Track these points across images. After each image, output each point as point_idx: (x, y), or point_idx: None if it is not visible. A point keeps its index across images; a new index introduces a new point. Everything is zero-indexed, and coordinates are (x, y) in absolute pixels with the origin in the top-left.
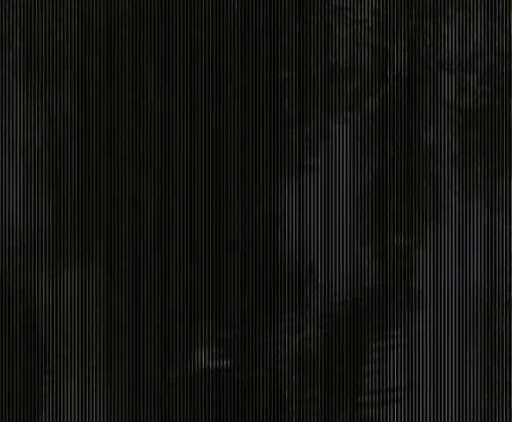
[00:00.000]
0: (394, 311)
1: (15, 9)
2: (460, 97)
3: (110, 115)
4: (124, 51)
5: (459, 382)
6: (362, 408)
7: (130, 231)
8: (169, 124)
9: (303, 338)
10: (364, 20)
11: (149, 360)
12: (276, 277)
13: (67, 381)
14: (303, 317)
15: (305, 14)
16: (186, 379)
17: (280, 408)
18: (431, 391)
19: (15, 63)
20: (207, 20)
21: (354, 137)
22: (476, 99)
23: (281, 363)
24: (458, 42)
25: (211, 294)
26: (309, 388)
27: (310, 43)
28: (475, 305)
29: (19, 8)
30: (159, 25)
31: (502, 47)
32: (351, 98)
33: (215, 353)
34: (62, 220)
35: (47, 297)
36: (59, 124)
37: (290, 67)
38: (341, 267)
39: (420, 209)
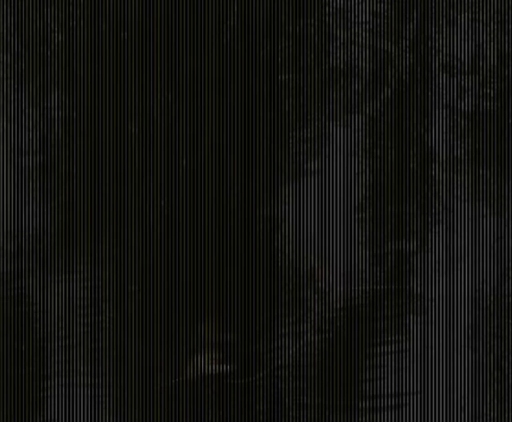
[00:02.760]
0: (398, 316)
1: (29, 10)
2: (462, 99)
3: (115, 118)
4: (127, 54)
5: (452, 388)
6: (364, 414)
7: (136, 238)
8: (170, 127)
9: (304, 344)
10: (365, 22)
11: (148, 365)
12: (276, 282)
13: (75, 386)
14: (303, 323)
15: (305, 16)
16: (186, 384)
17: (280, 413)
18: (436, 395)
19: (27, 62)
20: (207, 23)
21: (355, 140)
22: (478, 102)
23: (281, 368)
24: (460, 44)
25: (211, 299)
26: (309, 393)
27: (310, 45)
28: (475, 310)
29: (22, 9)
30: (162, 28)
31: (505, 50)
32: (351, 101)
33: (216, 358)
34: (71, 223)
35: (56, 301)
36: (49, 127)
37: (289, 69)
38: (341, 272)
39: (424, 213)
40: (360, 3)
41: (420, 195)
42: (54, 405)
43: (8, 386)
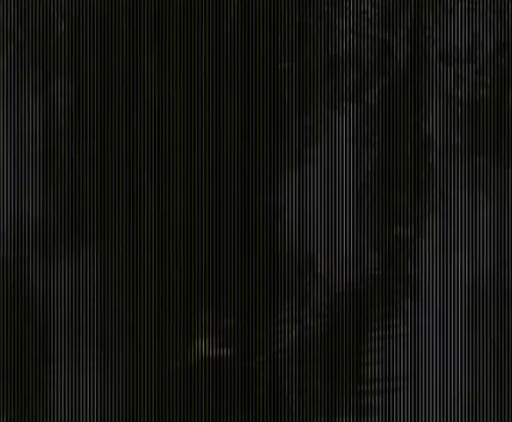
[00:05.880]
0: (396, 301)
1: (14, 2)
2: (459, 88)
3: (105, 106)
4: (122, 44)
5: (461, 371)
6: (363, 397)
7: (127, 219)
8: (167, 113)
9: (304, 328)
10: (364, 11)
11: (148, 350)
12: (276, 267)
13: (59, 372)
14: (304, 307)
15: (306, 5)
16: (185, 368)
17: (280, 397)
18: (433, 380)
19: (13, 57)
20: (206, 12)
21: (355, 128)
22: (474, 90)
23: (281, 353)
24: (457, 33)
25: (211, 283)
26: (309, 377)
27: (311, 34)
28: (476, 294)
29: (18, 2)
30: (158, 16)
31: (501, 39)
32: (351, 90)
33: (215, 343)
34: (55, 209)
35: (39, 287)
36: (52, 115)
37: (291, 58)
38: (342, 257)
39: (421, 199)
40: None
41: (417, 182)
42: (58, 389)
43: (12, 369)
